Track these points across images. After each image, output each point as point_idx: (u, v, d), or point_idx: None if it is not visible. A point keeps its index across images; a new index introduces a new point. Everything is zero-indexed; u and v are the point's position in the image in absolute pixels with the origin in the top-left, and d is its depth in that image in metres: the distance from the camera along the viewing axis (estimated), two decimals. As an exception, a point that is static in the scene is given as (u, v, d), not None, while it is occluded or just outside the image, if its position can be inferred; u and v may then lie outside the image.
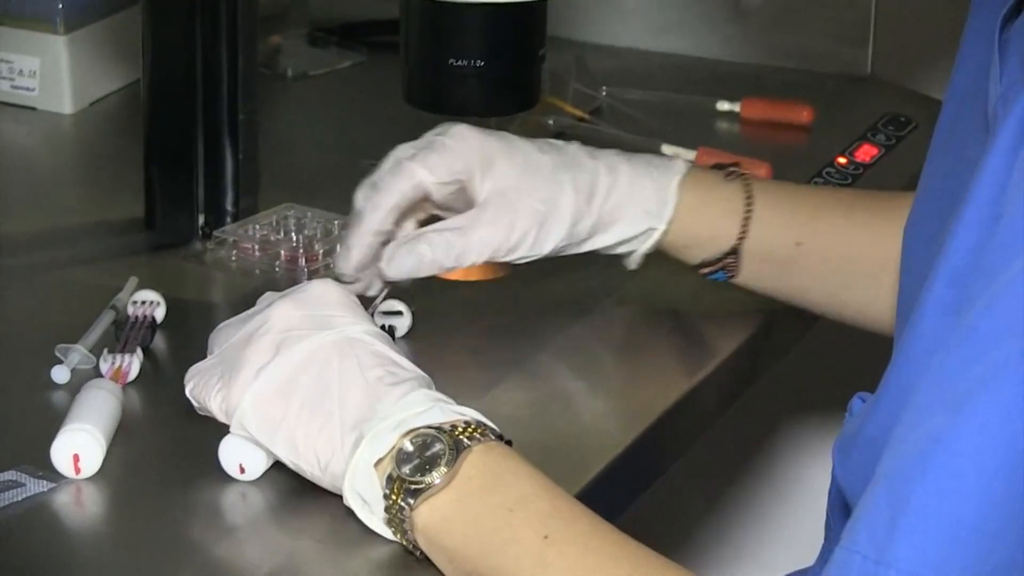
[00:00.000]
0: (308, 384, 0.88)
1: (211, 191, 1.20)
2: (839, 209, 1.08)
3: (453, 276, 1.16)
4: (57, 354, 1.02)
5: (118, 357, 1.01)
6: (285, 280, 1.16)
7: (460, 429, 0.86)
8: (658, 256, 1.12)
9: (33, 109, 1.42)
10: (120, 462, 0.93)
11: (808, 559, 1.09)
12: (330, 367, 0.89)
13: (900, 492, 0.72)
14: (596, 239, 1.06)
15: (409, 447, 0.85)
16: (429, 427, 0.86)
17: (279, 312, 0.91)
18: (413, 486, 0.84)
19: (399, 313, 1.07)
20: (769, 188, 1.08)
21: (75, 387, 0.98)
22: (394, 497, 0.85)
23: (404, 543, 0.86)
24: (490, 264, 1.18)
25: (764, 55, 1.53)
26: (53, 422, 0.94)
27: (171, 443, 0.96)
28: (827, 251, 1.07)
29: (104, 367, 1.01)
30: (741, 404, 1.13)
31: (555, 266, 1.16)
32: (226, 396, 0.90)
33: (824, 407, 1.67)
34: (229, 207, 1.20)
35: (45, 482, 0.91)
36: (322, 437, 0.88)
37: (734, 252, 1.07)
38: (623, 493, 0.98)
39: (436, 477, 0.84)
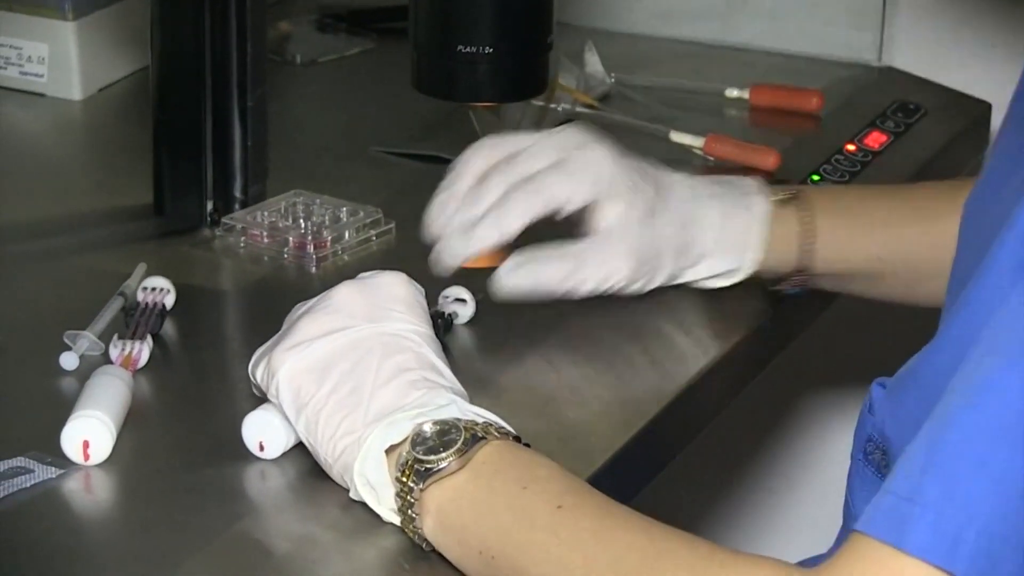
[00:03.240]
0: (344, 372, 0.89)
1: (220, 177, 1.19)
2: (915, 220, 1.09)
3: (470, 264, 1.17)
4: (66, 340, 1.02)
5: (128, 344, 1.01)
6: (293, 267, 1.16)
7: (480, 425, 0.86)
8: None
9: (42, 95, 1.42)
10: (129, 449, 0.93)
11: (814, 549, 1.08)
12: (370, 360, 0.89)
13: (937, 434, 0.72)
14: (687, 273, 1.08)
15: (428, 431, 0.85)
16: (452, 418, 0.86)
17: (342, 293, 0.91)
18: (424, 467, 0.84)
19: (463, 301, 1.08)
20: (835, 207, 1.09)
21: (84, 373, 0.99)
22: (404, 479, 0.85)
23: (410, 532, 0.86)
24: (499, 251, 1.18)
25: (773, 41, 1.52)
26: (62, 409, 0.94)
27: (180, 430, 0.95)
28: (909, 260, 1.09)
29: (114, 353, 1.01)
30: (749, 391, 1.13)
31: None
32: (268, 364, 0.90)
33: (831, 392, 1.67)
34: (238, 193, 1.20)
35: (53, 468, 0.91)
36: (343, 427, 0.88)
37: (802, 271, 1.08)
38: (630, 482, 0.98)
39: (447, 459, 0.84)
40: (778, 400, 1.66)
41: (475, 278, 1.11)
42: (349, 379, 0.88)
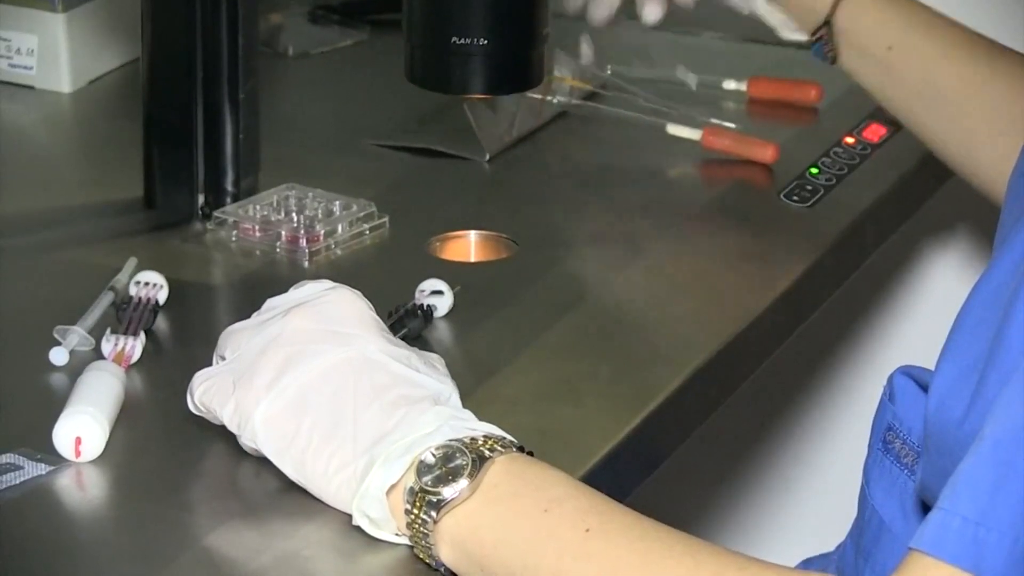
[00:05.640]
0: (321, 404, 0.87)
1: (211, 171, 1.19)
2: (931, 33, 1.14)
3: (459, 257, 1.16)
4: (55, 335, 1.01)
5: (121, 339, 1.00)
6: (286, 262, 1.15)
7: (480, 442, 0.84)
8: (657, 241, 1.12)
9: (31, 88, 1.41)
10: (121, 445, 0.92)
11: (814, 547, 1.08)
12: (345, 388, 0.87)
13: (1006, 456, 0.71)
14: None
15: (431, 459, 0.83)
16: (451, 440, 0.84)
17: (295, 324, 0.89)
18: (435, 498, 0.82)
19: (440, 293, 1.07)
20: None
21: (74, 369, 0.98)
22: (416, 511, 0.83)
23: (426, 558, 0.84)
24: (494, 245, 1.17)
25: (772, 33, 1.51)
26: (52, 404, 0.93)
27: (172, 427, 0.95)
28: (913, 67, 1.13)
29: (106, 349, 1.00)
30: (746, 387, 1.12)
31: (557, 249, 1.17)
32: (238, 408, 0.88)
33: (829, 388, 1.67)
34: (229, 187, 1.19)
35: (43, 465, 0.91)
36: (334, 461, 0.86)
37: (827, 24, 1.14)
38: (625, 479, 0.97)
39: (459, 487, 0.82)
40: (776, 396, 1.66)
41: (451, 270, 1.11)
42: (328, 411, 0.87)
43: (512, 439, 0.86)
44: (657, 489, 1.11)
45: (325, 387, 0.87)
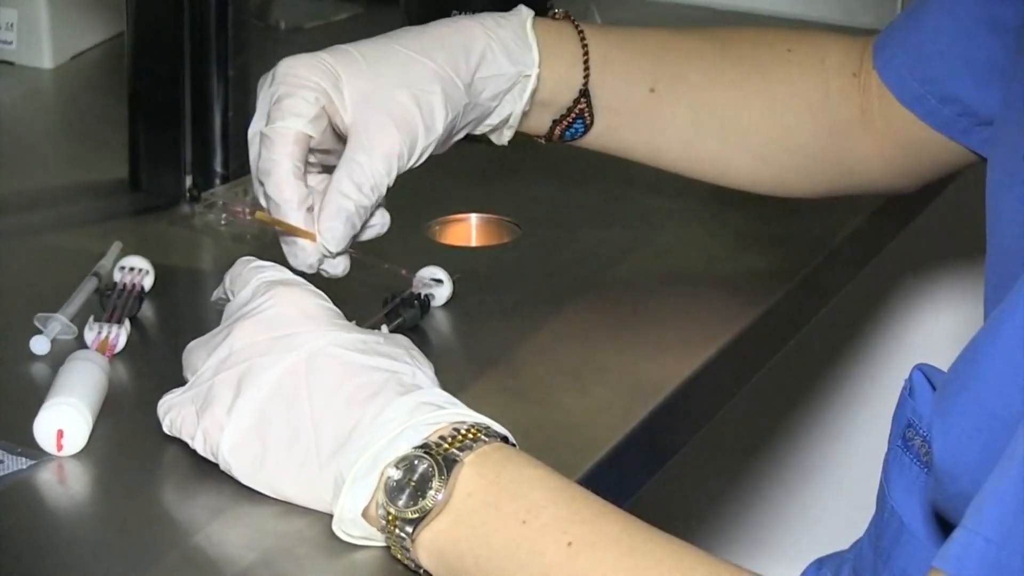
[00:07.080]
0: (279, 418, 0.86)
1: (199, 151, 1.18)
2: (692, 56, 1.07)
3: (459, 241, 1.16)
4: (36, 323, 1.00)
5: (104, 327, 1.00)
6: (278, 246, 1.12)
7: (448, 442, 0.82)
8: (668, 222, 1.13)
9: (11, 64, 1.41)
10: (105, 439, 0.91)
11: (830, 545, 1.07)
12: (298, 394, 0.86)
13: None
14: (477, 104, 1.01)
15: (396, 474, 0.81)
16: (414, 449, 0.82)
17: (241, 339, 0.88)
18: (408, 516, 0.81)
19: (439, 281, 1.06)
20: (609, 31, 1.06)
21: (55, 358, 0.97)
22: (392, 528, 0.81)
23: (415, 570, 0.83)
24: (496, 229, 1.14)
25: (786, 5, 1.52)
26: (32, 396, 0.92)
27: (158, 419, 0.92)
28: (679, 98, 1.06)
29: (90, 337, 1.00)
30: (760, 378, 1.11)
31: (563, 232, 1.16)
32: (206, 440, 0.88)
33: (841, 383, 1.67)
34: (218, 168, 1.18)
35: (24, 459, 0.90)
36: (303, 474, 0.85)
37: (584, 95, 1.04)
38: (633, 474, 0.96)
39: (429, 502, 0.80)
40: (790, 389, 1.67)
41: (451, 255, 1.11)
42: (286, 423, 0.85)
43: (484, 423, 0.84)
44: (667, 484, 1.09)
45: (279, 399, 0.86)
